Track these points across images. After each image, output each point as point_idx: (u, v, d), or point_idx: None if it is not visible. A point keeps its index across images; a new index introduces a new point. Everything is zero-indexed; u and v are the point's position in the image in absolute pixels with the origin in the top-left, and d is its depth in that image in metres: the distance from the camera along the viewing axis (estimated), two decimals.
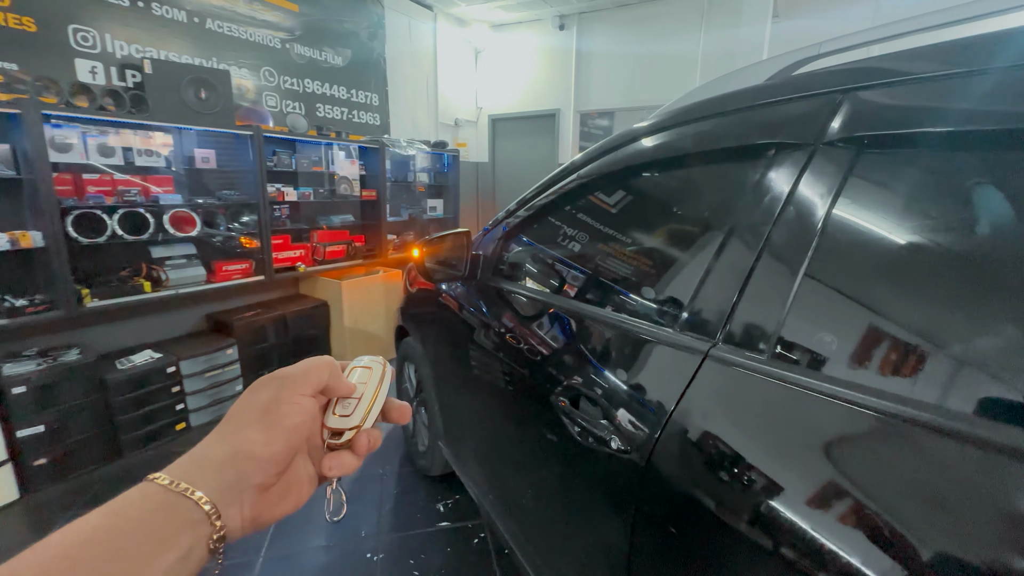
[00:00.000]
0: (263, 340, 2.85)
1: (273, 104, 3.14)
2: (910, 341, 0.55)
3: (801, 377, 0.59)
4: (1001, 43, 0.54)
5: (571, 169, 1.21)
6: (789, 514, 0.53)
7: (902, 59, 0.62)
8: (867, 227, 0.61)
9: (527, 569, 1.18)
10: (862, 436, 0.52)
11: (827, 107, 0.67)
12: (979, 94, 0.53)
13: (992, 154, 0.53)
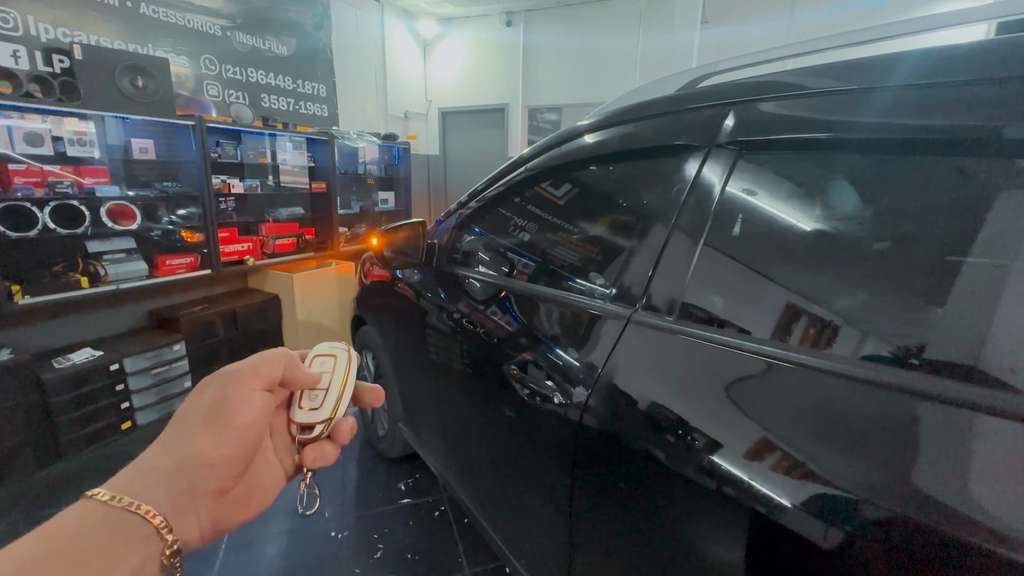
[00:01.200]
0: (212, 335, 2.80)
1: (215, 93, 3.05)
2: (780, 299, 0.72)
3: (699, 331, 0.75)
4: (849, 69, 0.71)
5: (518, 163, 1.33)
6: (698, 444, 0.68)
7: (773, 79, 0.79)
8: (745, 211, 0.77)
9: (486, 528, 1.31)
10: (747, 375, 0.68)
11: (718, 116, 0.83)
12: (827, 110, 0.70)
13: (835, 156, 0.70)
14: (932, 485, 0.47)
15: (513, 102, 5.05)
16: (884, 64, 0.65)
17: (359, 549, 1.70)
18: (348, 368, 0.38)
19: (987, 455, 0.47)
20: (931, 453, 0.50)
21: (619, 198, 1.10)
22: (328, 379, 0.38)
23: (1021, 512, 0.42)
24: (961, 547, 0.43)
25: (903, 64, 0.63)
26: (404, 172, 4.40)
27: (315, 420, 0.36)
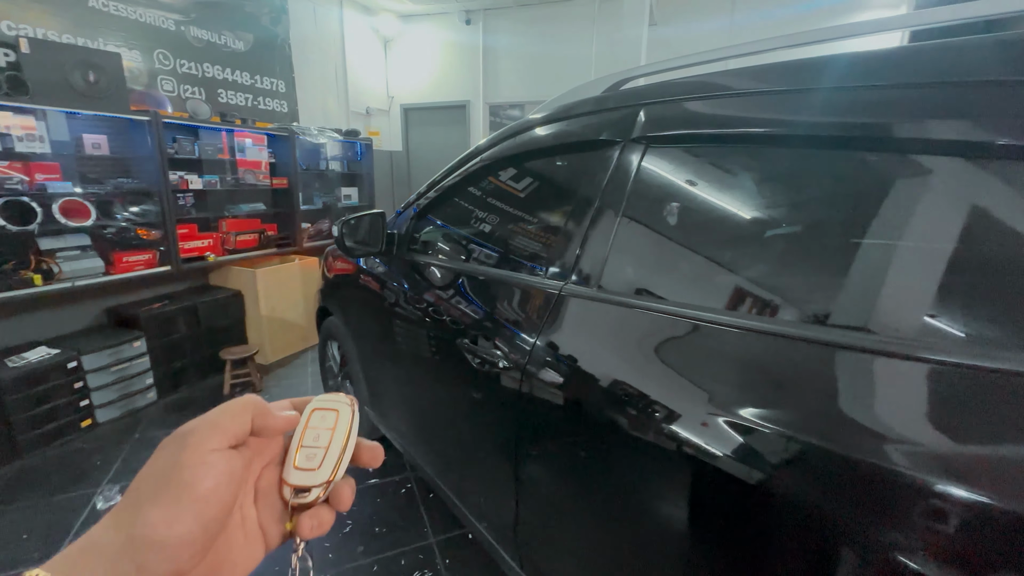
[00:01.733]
0: (173, 331, 2.79)
1: (170, 89, 3.02)
2: (684, 268, 0.87)
3: (613, 296, 0.89)
4: (732, 76, 0.85)
5: (469, 157, 1.45)
6: (622, 396, 0.81)
7: (673, 84, 0.93)
8: (651, 195, 0.92)
9: (450, 496, 1.43)
10: (655, 330, 0.82)
11: (631, 115, 0.97)
12: (714, 112, 0.85)
13: (722, 149, 0.85)
14: (819, 414, 0.58)
15: (475, 99, 5.15)
16: (762, 71, 0.80)
17: None
18: (351, 424, 0.35)
19: (866, 385, 0.58)
20: (810, 388, 0.62)
21: (554, 186, 1.23)
22: (328, 436, 0.34)
23: (901, 428, 0.53)
24: (859, 463, 0.53)
25: (780, 71, 0.78)
26: (367, 168, 4.43)
27: (312, 483, 0.32)
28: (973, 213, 0.56)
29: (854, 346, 0.59)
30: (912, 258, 0.59)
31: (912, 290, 0.58)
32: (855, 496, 0.53)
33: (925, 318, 0.56)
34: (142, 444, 2.29)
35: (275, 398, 0.34)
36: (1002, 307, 0.52)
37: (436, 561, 1.63)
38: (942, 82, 0.59)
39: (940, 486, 0.47)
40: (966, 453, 0.49)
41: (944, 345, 0.53)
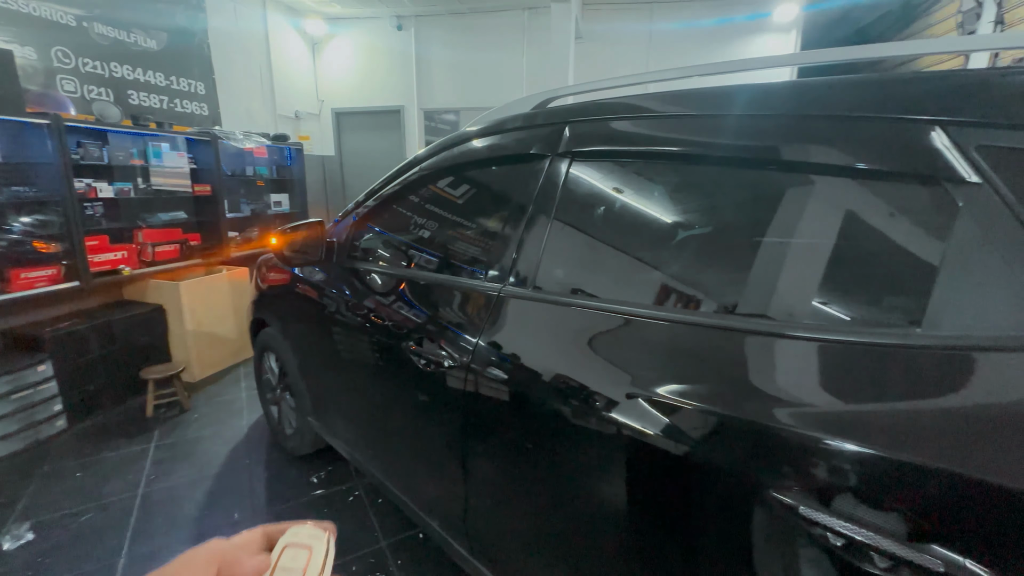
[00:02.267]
0: (85, 352, 2.57)
1: (72, 89, 2.78)
2: (608, 267, 0.98)
3: (547, 295, 0.98)
4: (642, 100, 0.97)
5: (407, 166, 1.50)
6: (557, 384, 0.90)
7: (592, 105, 1.05)
8: (577, 203, 1.02)
9: (400, 497, 1.46)
10: (587, 325, 0.92)
11: (558, 131, 1.08)
12: (627, 131, 0.97)
13: (635, 162, 0.97)
14: (729, 388, 0.70)
15: (409, 104, 5.13)
16: (672, 97, 0.92)
17: None
18: (324, 564, 0.32)
19: (766, 361, 0.70)
20: (721, 367, 0.73)
21: (491, 195, 1.31)
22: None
23: (797, 394, 0.65)
24: (763, 426, 0.64)
25: (686, 97, 0.90)
26: (298, 173, 4.30)
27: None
28: (843, 219, 0.70)
29: (755, 330, 0.71)
30: (797, 255, 0.74)
31: (798, 281, 0.72)
32: (761, 452, 0.65)
33: (811, 304, 0.70)
34: (52, 477, 2.10)
35: (204, 417, 0.33)
36: (869, 293, 0.67)
37: (388, 564, 1.65)
38: (815, 114, 0.73)
39: (828, 439, 0.59)
40: (847, 411, 0.62)
41: (827, 325, 0.67)
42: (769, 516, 0.63)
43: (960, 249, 0.59)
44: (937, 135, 0.62)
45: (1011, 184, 0.56)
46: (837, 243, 0.70)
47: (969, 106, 0.61)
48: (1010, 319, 0.54)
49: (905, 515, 0.53)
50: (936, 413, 0.56)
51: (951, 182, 0.60)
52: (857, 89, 0.72)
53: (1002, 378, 0.53)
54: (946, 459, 0.52)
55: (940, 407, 0.56)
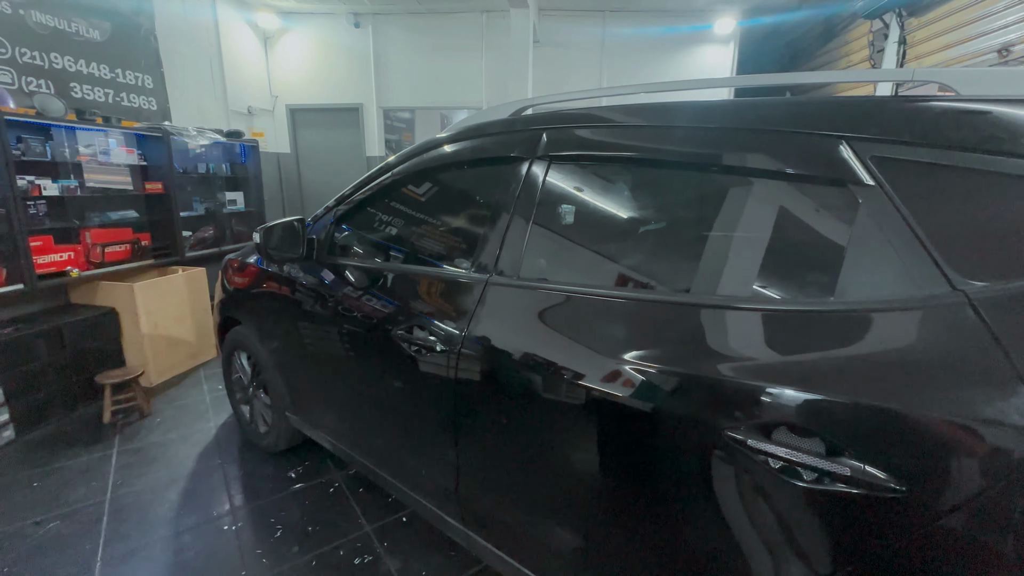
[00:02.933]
0: (31, 359, 2.44)
1: (8, 81, 2.61)
2: (584, 256, 1.11)
3: (531, 283, 1.11)
4: (612, 111, 1.12)
5: (386, 168, 1.58)
6: (540, 364, 1.03)
7: (569, 114, 1.18)
8: (555, 201, 1.16)
9: (387, 479, 1.54)
10: (567, 309, 1.05)
11: (536, 137, 1.20)
12: (601, 137, 1.11)
13: (608, 166, 1.12)
14: (682, 351, 0.88)
15: (368, 102, 5.11)
16: (634, 109, 1.07)
17: (257, 534, 1.77)
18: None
19: (713, 328, 0.88)
20: (675, 334, 0.90)
21: (473, 195, 1.43)
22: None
23: (739, 352, 0.83)
24: (711, 379, 0.84)
25: (647, 110, 1.06)
26: (253, 171, 4.19)
27: None
28: (771, 214, 0.87)
29: (705, 304, 0.87)
30: (736, 244, 0.90)
31: (738, 264, 0.89)
32: (714, 402, 0.80)
33: (749, 282, 0.86)
34: (5, 489, 2.00)
35: (168, 421, 0.30)
36: (793, 272, 0.84)
37: (375, 547, 1.73)
38: (749, 128, 0.90)
39: (767, 386, 0.75)
40: (780, 363, 0.78)
41: (762, 298, 0.83)
42: (725, 453, 0.79)
43: (860, 236, 0.76)
44: (844, 147, 0.80)
45: (896, 186, 0.75)
46: (768, 234, 0.87)
47: (866, 125, 0.79)
48: (895, 287, 0.72)
49: (823, 438, 0.70)
50: (844, 359, 0.73)
51: (853, 184, 0.78)
52: (784, 108, 0.89)
53: (890, 330, 0.71)
54: (852, 393, 0.69)
55: (847, 355, 0.73)
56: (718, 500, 0.82)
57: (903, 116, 0.78)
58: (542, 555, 1.14)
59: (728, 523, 0.81)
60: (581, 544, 1.05)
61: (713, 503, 0.82)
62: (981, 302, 0.65)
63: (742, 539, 0.80)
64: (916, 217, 0.72)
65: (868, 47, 3.77)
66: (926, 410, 0.64)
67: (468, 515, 1.29)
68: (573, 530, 1.05)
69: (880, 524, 0.67)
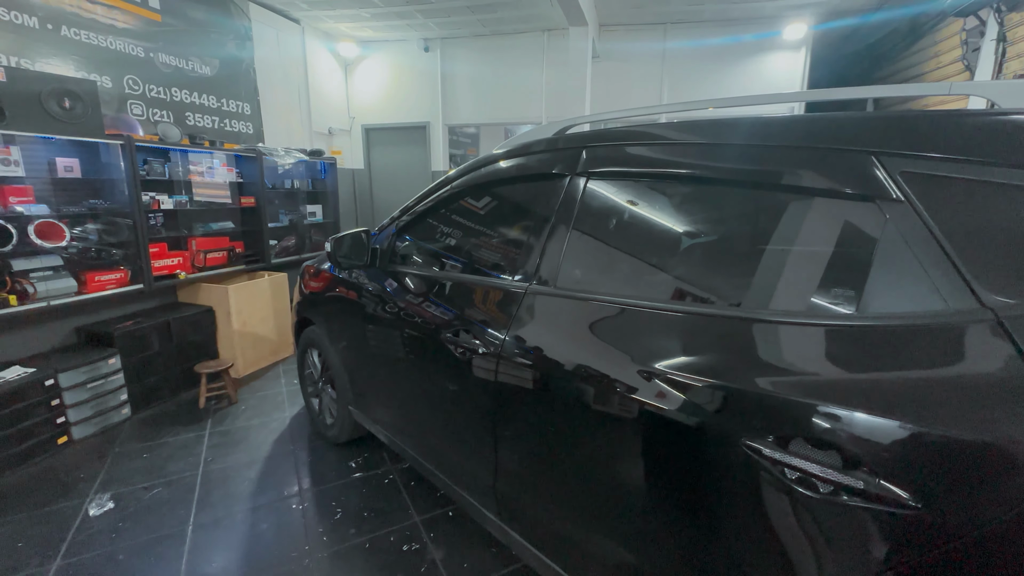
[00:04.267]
0: (146, 348, 2.85)
1: (139, 112, 3.10)
2: (621, 268, 1.17)
3: (568, 292, 1.18)
4: (650, 129, 1.17)
5: (443, 183, 1.72)
6: (576, 369, 1.10)
7: (606, 133, 1.25)
8: (593, 215, 1.22)
9: (436, 474, 1.66)
10: (599, 315, 1.11)
11: (577, 154, 1.28)
12: (637, 154, 1.16)
13: (644, 182, 1.17)
14: (722, 364, 0.92)
15: (434, 120, 5.42)
16: (676, 127, 1.12)
17: (320, 515, 1.96)
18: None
19: (759, 342, 0.92)
20: (717, 347, 0.95)
21: (517, 208, 1.52)
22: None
23: (767, 364, 0.87)
24: (751, 392, 0.88)
25: (685, 127, 1.10)
26: (331, 186, 4.59)
27: None
28: (804, 231, 0.88)
29: (742, 318, 0.90)
30: (785, 260, 0.91)
31: (784, 280, 0.90)
32: (741, 412, 0.83)
33: (783, 295, 0.87)
34: (123, 457, 2.36)
35: (251, 409, 0.31)
36: (823, 287, 0.84)
37: (422, 536, 1.85)
38: (804, 146, 0.89)
39: (792, 398, 0.77)
40: (806, 378, 0.80)
41: (810, 313, 0.83)
42: (742, 461, 0.81)
43: (887, 252, 0.77)
44: (874, 163, 0.80)
45: (924, 201, 0.74)
46: (804, 249, 0.88)
47: (896, 141, 0.79)
48: (922, 303, 0.72)
49: (840, 450, 0.71)
50: (867, 376, 0.73)
51: (882, 200, 0.78)
52: (817, 125, 0.91)
53: (916, 347, 0.71)
54: (873, 408, 0.69)
55: (870, 371, 0.73)
56: (743, 507, 0.83)
57: (934, 130, 0.77)
58: (571, 552, 1.19)
59: (749, 530, 0.82)
60: (609, 545, 1.09)
61: (739, 510, 0.83)
62: (1010, 320, 0.64)
63: (759, 545, 0.81)
64: (945, 232, 0.72)
65: (961, 46, 3.46)
66: (948, 427, 0.64)
67: (505, 510, 1.37)
68: (602, 530, 1.10)
69: (897, 540, 0.67)
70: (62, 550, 1.76)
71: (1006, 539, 0.59)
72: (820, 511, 0.72)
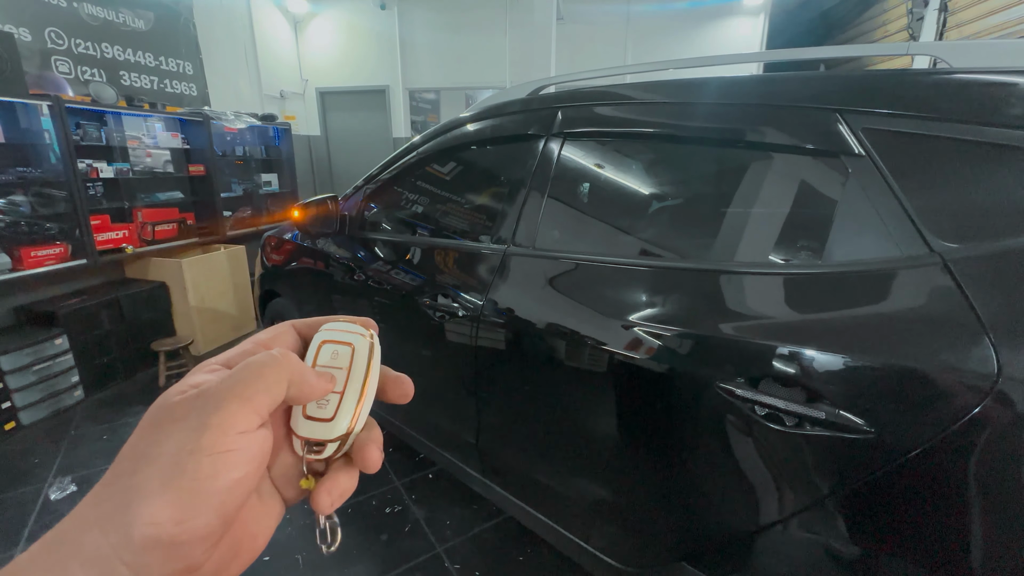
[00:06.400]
0: (96, 327, 2.69)
1: (66, 71, 2.82)
2: (596, 227, 1.19)
3: (546, 252, 1.20)
4: (622, 89, 1.18)
5: (412, 148, 1.67)
6: (551, 326, 1.13)
7: (583, 92, 1.25)
8: (568, 176, 1.23)
9: (417, 438, 1.68)
10: (579, 276, 1.14)
11: (552, 115, 1.28)
12: (610, 114, 1.17)
13: (619, 142, 1.18)
14: (686, 312, 0.96)
15: (394, 84, 5.20)
16: (650, 86, 1.13)
17: None
18: (370, 362, 0.28)
19: (717, 293, 0.96)
20: (680, 297, 0.99)
21: (491, 172, 1.51)
22: (343, 378, 0.27)
23: (732, 311, 0.92)
24: (714, 337, 0.93)
25: (661, 87, 1.11)
26: (286, 153, 4.37)
27: (326, 437, 0.26)
28: (771, 187, 0.93)
29: (699, 268, 0.95)
30: (748, 216, 0.96)
31: (745, 232, 0.95)
32: (709, 357, 0.88)
33: (748, 248, 0.93)
34: (80, 440, 2.25)
35: None
36: (788, 239, 0.90)
37: (403, 498, 1.89)
38: (767, 104, 0.93)
39: (757, 342, 0.83)
40: (771, 323, 0.85)
41: (777, 263, 0.89)
42: (716, 402, 0.87)
43: (848, 204, 0.82)
44: (838, 120, 0.85)
45: (883, 156, 0.80)
46: (768, 205, 0.93)
47: (859, 99, 0.84)
48: (880, 250, 0.78)
49: (804, 386, 0.78)
50: (827, 318, 0.79)
51: (845, 155, 0.83)
52: (784, 84, 0.94)
53: (871, 290, 0.77)
54: (832, 346, 0.76)
55: (831, 314, 0.80)
56: (718, 445, 0.90)
57: (893, 88, 0.82)
58: (554, 499, 1.26)
59: (723, 465, 0.90)
60: (591, 489, 1.15)
61: (714, 448, 0.90)
62: (954, 262, 0.71)
63: (733, 478, 0.89)
64: (900, 184, 0.77)
65: (907, 15, 3.61)
66: (895, 359, 0.71)
67: (487, 466, 1.41)
68: (584, 476, 1.16)
69: (854, 462, 0.74)
70: (24, 535, 1.69)
71: (938, 455, 0.68)
72: (788, 442, 0.79)
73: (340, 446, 0.27)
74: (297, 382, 0.25)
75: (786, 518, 0.82)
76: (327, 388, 0.27)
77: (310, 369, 0.27)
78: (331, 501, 0.27)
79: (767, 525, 0.85)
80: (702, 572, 0.95)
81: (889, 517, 0.73)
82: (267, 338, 0.29)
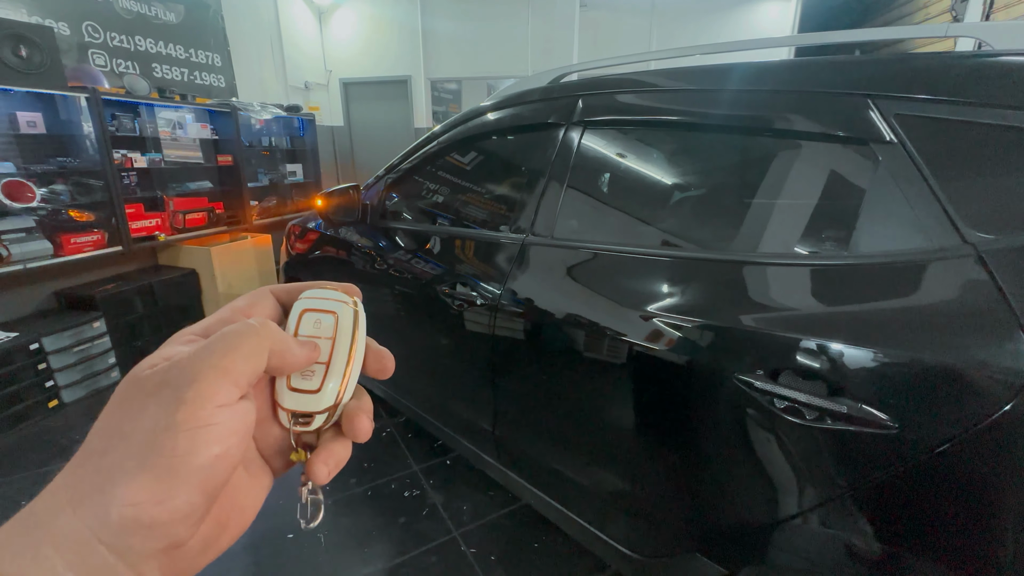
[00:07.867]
0: (131, 311, 2.81)
1: (102, 63, 2.91)
2: (615, 217, 1.18)
3: (564, 242, 1.19)
4: (643, 76, 1.16)
5: (432, 137, 1.68)
6: (570, 315, 1.13)
7: (604, 80, 1.23)
8: (588, 165, 1.22)
9: (434, 423, 1.71)
10: (590, 264, 1.13)
11: (572, 103, 1.26)
12: (631, 102, 1.16)
13: (640, 130, 1.17)
14: (707, 303, 0.95)
15: (416, 74, 5.21)
16: (671, 73, 1.11)
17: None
18: (355, 331, 0.27)
19: (740, 284, 0.95)
20: (702, 288, 0.98)
21: (511, 161, 1.51)
22: (328, 348, 0.26)
23: (755, 303, 0.91)
24: (735, 328, 0.92)
25: (682, 74, 1.09)
26: (311, 144, 4.44)
27: (314, 409, 0.26)
28: (825, 176, 0.90)
29: (722, 259, 0.93)
30: (772, 206, 0.94)
31: (768, 222, 0.93)
32: (730, 349, 0.87)
33: (775, 239, 0.91)
34: None
35: None
36: (815, 229, 0.88)
37: (421, 483, 1.93)
38: (797, 90, 0.90)
39: (779, 334, 0.82)
40: (795, 315, 0.84)
41: (803, 253, 0.87)
42: (734, 395, 0.86)
43: (877, 193, 0.79)
44: (870, 106, 0.82)
45: (916, 143, 0.77)
46: (793, 195, 0.91)
47: (892, 84, 0.81)
48: (910, 241, 0.75)
49: (826, 380, 0.76)
50: (852, 311, 0.77)
51: (875, 142, 0.80)
52: (813, 69, 0.91)
53: (899, 282, 0.75)
54: (856, 339, 0.74)
55: (856, 307, 0.77)
56: (731, 438, 0.89)
57: (927, 72, 0.79)
58: (570, 488, 1.27)
59: (739, 458, 0.89)
60: (608, 479, 1.16)
61: (732, 440, 0.89)
62: (988, 254, 0.68)
63: (750, 471, 0.88)
64: (933, 172, 0.74)
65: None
66: (922, 353, 0.69)
67: (503, 452, 1.43)
68: (601, 467, 1.16)
69: (876, 458, 0.73)
70: None
71: (965, 452, 0.66)
72: (807, 436, 0.78)
73: (328, 417, 0.27)
74: (279, 352, 0.24)
75: (803, 512, 0.81)
76: (311, 358, 0.26)
77: (292, 338, 0.25)
78: (328, 471, 0.26)
79: (783, 519, 0.84)
80: (716, 563, 0.95)
81: (910, 514, 0.72)
82: (245, 305, 0.27)
